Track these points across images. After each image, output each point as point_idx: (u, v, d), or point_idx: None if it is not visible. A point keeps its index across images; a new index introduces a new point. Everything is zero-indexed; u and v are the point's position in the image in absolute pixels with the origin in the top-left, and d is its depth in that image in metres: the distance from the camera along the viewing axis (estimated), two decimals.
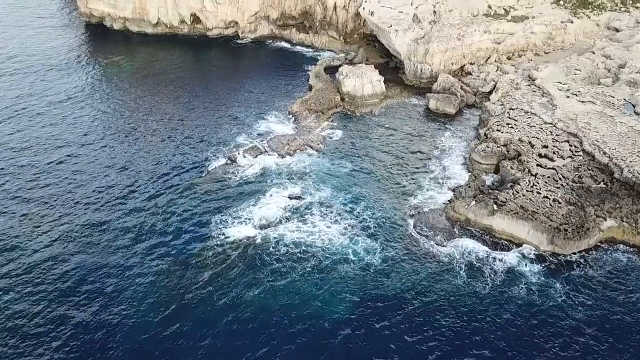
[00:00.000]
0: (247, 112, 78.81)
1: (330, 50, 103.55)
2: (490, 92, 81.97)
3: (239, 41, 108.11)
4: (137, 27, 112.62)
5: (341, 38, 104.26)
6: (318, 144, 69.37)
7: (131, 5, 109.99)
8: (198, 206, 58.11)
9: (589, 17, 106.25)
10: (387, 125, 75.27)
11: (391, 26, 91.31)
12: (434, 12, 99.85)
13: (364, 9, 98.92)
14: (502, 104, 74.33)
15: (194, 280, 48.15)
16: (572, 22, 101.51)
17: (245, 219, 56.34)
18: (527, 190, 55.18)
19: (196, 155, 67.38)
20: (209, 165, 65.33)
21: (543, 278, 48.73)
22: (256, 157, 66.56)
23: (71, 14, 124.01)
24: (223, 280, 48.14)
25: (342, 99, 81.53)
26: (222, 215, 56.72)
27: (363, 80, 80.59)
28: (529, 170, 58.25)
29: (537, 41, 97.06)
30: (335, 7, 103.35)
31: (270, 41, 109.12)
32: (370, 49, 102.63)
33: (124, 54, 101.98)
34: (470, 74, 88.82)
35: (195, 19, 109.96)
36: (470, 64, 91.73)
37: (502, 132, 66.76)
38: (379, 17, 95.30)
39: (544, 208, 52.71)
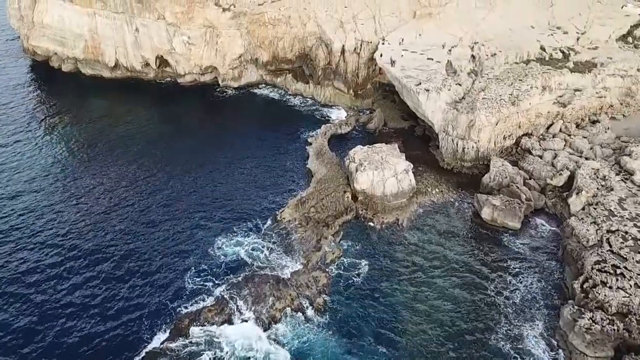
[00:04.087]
0: (213, 222, 53.93)
1: (336, 107, 79.01)
2: (564, 187, 57.62)
3: (218, 94, 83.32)
4: (90, 69, 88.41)
5: (350, 91, 79.51)
6: (320, 296, 44.71)
7: (82, 43, 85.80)
8: None
9: None
10: (422, 251, 50.49)
11: (419, 84, 66.71)
12: (473, 57, 75.44)
13: (381, 55, 74.29)
14: (593, 221, 49.71)
15: None
16: None
17: None
18: None
19: (118, 324, 42.13)
20: (139, 346, 40.36)
21: None
22: (219, 325, 41.88)
23: (11, 49, 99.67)
24: None
25: (355, 198, 57.01)
26: None
27: (384, 174, 55.90)
28: None
29: (613, 100, 72.46)
30: (343, 52, 78.45)
31: (259, 91, 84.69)
32: (388, 106, 78.35)
33: (68, 108, 77.80)
34: (530, 152, 64.10)
35: (164, 61, 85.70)
36: (527, 134, 67.18)
37: (610, 288, 42.14)
38: (401, 68, 70.68)
39: None
